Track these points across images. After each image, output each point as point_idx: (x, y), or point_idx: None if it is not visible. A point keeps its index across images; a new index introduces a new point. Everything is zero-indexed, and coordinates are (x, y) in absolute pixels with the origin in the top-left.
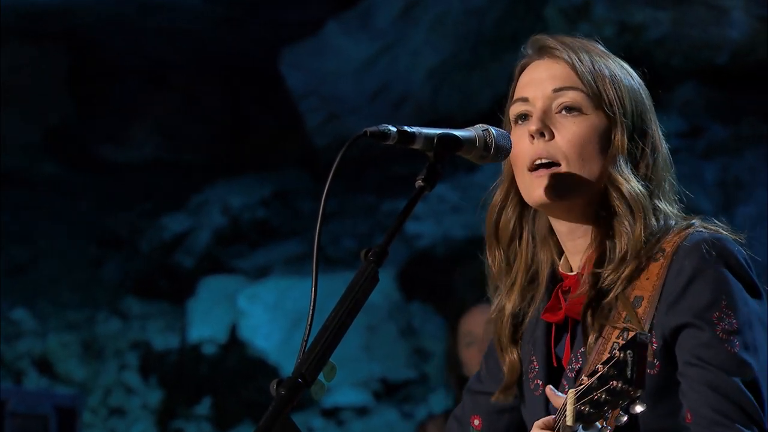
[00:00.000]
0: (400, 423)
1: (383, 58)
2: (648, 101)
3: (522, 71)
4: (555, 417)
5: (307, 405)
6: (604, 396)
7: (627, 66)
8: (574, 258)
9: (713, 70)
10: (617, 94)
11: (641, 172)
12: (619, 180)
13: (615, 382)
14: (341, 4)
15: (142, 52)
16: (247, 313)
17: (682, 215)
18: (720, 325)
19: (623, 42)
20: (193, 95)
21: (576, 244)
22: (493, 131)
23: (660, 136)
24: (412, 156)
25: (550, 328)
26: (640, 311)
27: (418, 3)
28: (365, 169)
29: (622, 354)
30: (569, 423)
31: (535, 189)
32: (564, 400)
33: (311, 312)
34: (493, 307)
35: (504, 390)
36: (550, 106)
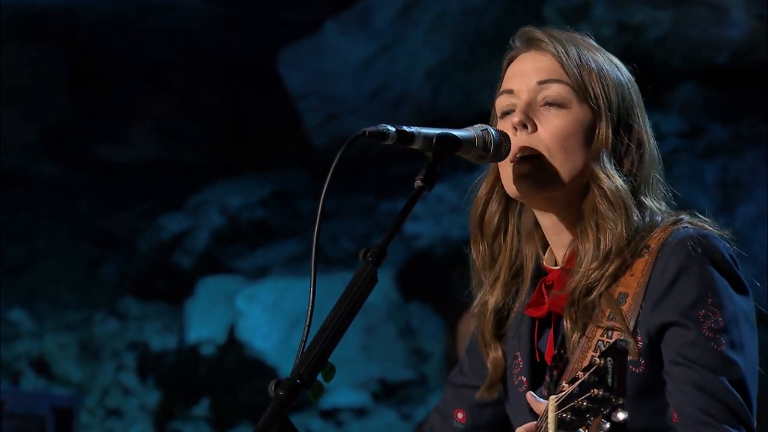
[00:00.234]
0: (399, 424)
1: (382, 58)
2: (636, 96)
3: (510, 63)
4: (537, 423)
5: (306, 406)
6: (585, 403)
7: (617, 60)
8: (558, 251)
9: (713, 69)
10: (603, 88)
11: (625, 167)
12: (601, 176)
13: (596, 389)
14: (340, 4)
15: (141, 52)
16: (246, 314)
17: (669, 212)
18: (706, 324)
19: (623, 42)
20: (193, 95)
21: (560, 237)
22: (492, 131)
23: (648, 131)
24: (411, 156)
25: (534, 323)
26: (624, 308)
27: (416, 3)
28: (364, 169)
29: (602, 361)
30: (551, 430)
31: (516, 180)
32: (545, 406)
33: (310, 312)
34: (476, 302)
35: (489, 387)
36: (534, 98)
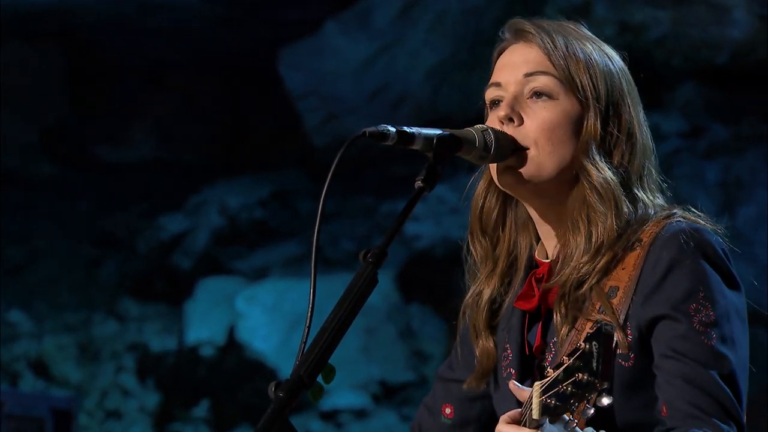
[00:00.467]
0: (399, 426)
1: (382, 58)
2: (627, 85)
3: (499, 55)
4: (521, 411)
5: (306, 407)
6: (570, 388)
7: (608, 49)
8: (549, 244)
9: (714, 69)
10: (591, 78)
11: (615, 159)
12: (590, 168)
13: (580, 374)
14: (340, 4)
15: (141, 52)
16: (246, 315)
17: (662, 204)
18: (697, 317)
19: (623, 42)
20: (192, 95)
21: (550, 229)
22: (493, 131)
23: (639, 121)
24: (411, 156)
25: (524, 315)
26: (615, 302)
27: (416, 3)
28: (364, 170)
29: (587, 345)
30: (535, 416)
31: (501, 172)
32: (529, 393)
33: (310, 314)
34: (470, 293)
35: (478, 377)
36: (521, 91)
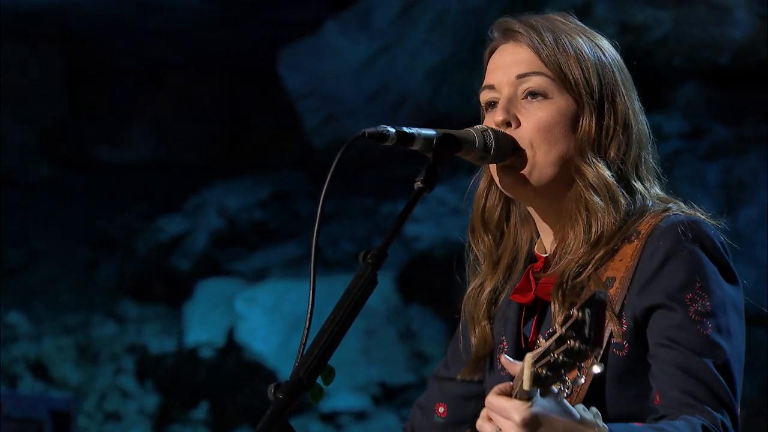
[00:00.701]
0: (399, 427)
1: (382, 58)
2: (621, 75)
3: (490, 55)
4: (512, 384)
5: (305, 409)
6: (561, 357)
7: (600, 40)
8: (547, 240)
9: (715, 70)
10: (583, 73)
11: (611, 153)
12: (585, 167)
13: (572, 341)
14: (340, 4)
15: (140, 52)
16: (245, 317)
17: (660, 195)
18: (693, 307)
19: (624, 42)
20: (192, 96)
21: (549, 226)
22: (492, 132)
23: (635, 109)
24: (411, 157)
25: (521, 308)
26: (611, 292)
27: (416, 3)
28: (364, 171)
29: (580, 313)
30: (526, 387)
31: (501, 173)
32: (521, 366)
33: (309, 315)
34: (472, 286)
35: (473, 365)
36: (515, 92)
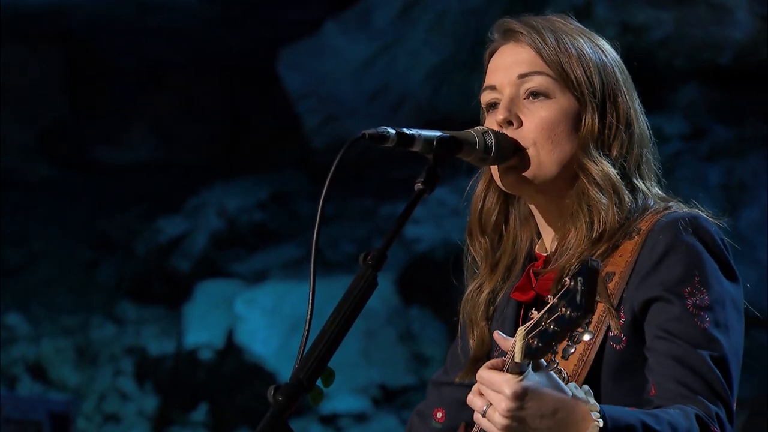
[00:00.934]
0: (399, 430)
1: (382, 58)
2: (622, 75)
3: (491, 57)
4: (505, 358)
5: (305, 411)
6: (552, 326)
7: (600, 41)
8: (549, 239)
9: (716, 70)
10: (585, 72)
11: (614, 151)
12: (589, 164)
13: (564, 309)
14: (340, 4)
15: (139, 52)
16: (245, 318)
17: (661, 195)
18: (691, 300)
19: (625, 43)
20: (191, 96)
21: (551, 225)
22: (493, 133)
23: (636, 110)
24: (411, 158)
25: (519, 307)
26: (610, 286)
27: (416, 3)
28: (364, 172)
29: (572, 282)
30: (517, 359)
31: (503, 173)
32: (513, 342)
33: (309, 317)
34: (470, 288)
35: (471, 365)
36: (517, 92)
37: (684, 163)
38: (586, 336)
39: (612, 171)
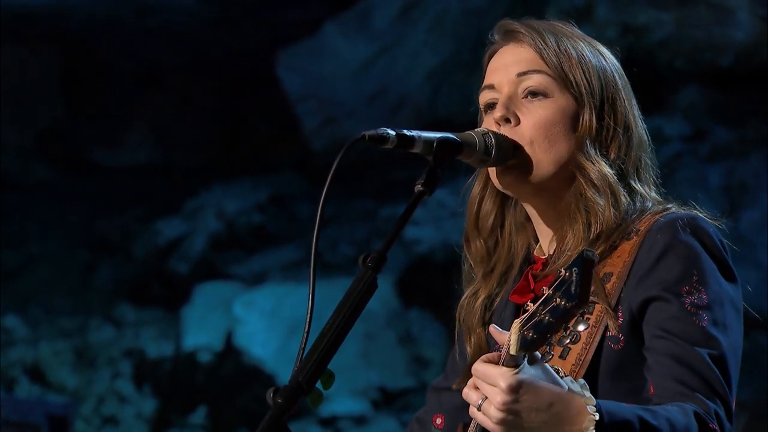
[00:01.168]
0: None
1: (381, 59)
2: (621, 80)
3: (490, 58)
4: (500, 352)
5: (305, 414)
6: (547, 317)
7: (599, 46)
8: (547, 241)
9: (717, 71)
10: (584, 74)
11: (612, 153)
12: (586, 164)
13: (559, 299)
14: (339, 4)
15: (137, 53)
16: (243, 320)
17: (659, 198)
18: (689, 299)
19: (626, 44)
20: (189, 97)
21: (548, 227)
22: (493, 134)
23: (635, 114)
24: (411, 160)
25: (517, 309)
26: (608, 286)
27: (416, 4)
28: (363, 174)
29: (567, 273)
30: (513, 352)
31: (501, 172)
32: (508, 335)
33: (308, 319)
34: (467, 293)
35: (469, 371)
36: (515, 91)
37: (684, 165)
38: (581, 327)
39: (609, 171)
